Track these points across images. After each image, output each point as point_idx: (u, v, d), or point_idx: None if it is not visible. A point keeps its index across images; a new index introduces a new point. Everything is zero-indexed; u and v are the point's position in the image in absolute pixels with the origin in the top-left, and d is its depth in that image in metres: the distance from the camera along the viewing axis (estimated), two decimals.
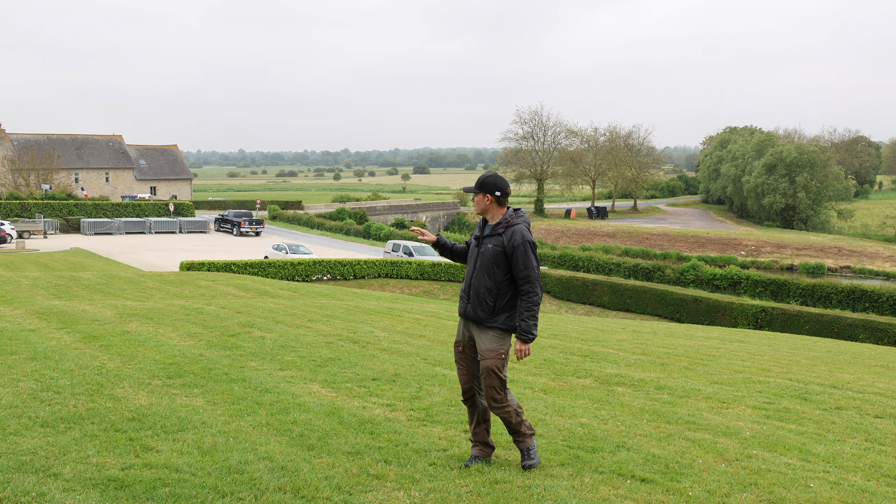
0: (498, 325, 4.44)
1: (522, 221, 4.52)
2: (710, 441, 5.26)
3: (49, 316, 10.16)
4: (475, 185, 4.54)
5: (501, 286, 4.45)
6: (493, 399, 4.44)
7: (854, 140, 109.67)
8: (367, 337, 9.60)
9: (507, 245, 4.43)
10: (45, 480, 3.93)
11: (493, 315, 4.44)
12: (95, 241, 45.25)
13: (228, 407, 5.56)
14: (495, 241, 4.47)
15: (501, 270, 4.44)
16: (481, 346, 4.47)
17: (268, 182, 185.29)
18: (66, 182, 68.43)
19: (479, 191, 4.50)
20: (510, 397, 4.51)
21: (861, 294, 31.99)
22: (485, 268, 4.46)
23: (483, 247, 4.50)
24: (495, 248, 4.45)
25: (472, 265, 4.55)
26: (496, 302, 4.45)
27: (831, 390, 7.61)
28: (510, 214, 4.52)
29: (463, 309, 4.57)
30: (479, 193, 4.51)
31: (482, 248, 4.50)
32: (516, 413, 4.49)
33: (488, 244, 4.48)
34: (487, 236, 4.51)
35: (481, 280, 4.46)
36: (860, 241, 60.12)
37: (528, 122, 79.17)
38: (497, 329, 4.46)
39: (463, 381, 4.61)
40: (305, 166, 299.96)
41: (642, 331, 14.40)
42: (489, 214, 4.56)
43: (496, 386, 4.43)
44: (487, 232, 4.53)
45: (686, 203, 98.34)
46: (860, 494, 4.34)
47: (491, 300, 4.44)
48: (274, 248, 37.78)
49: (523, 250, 4.40)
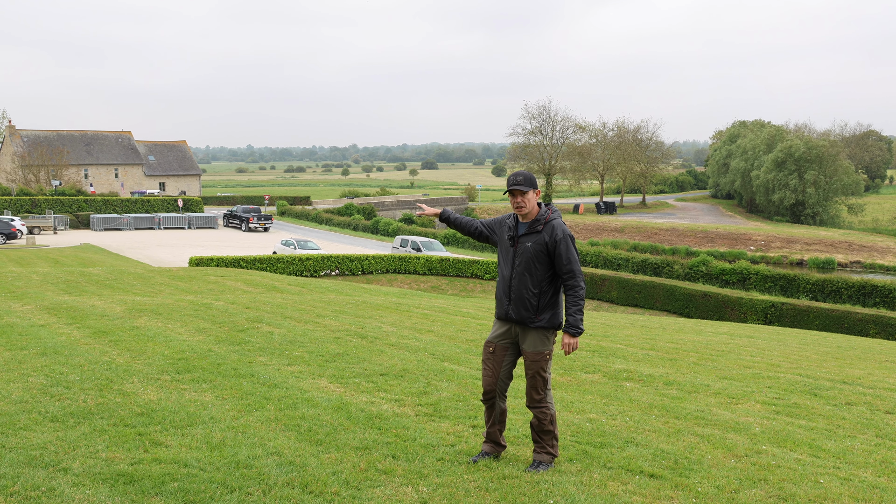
0: (542, 325, 4.38)
1: (558, 216, 4.44)
2: (720, 437, 5.23)
3: (59, 311, 10.22)
4: (524, 182, 4.32)
5: (544, 284, 4.37)
6: (534, 398, 4.44)
7: (865, 134, 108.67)
8: (376, 332, 9.61)
9: (549, 241, 4.34)
10: (55, 475, 3.95)
11: (538, 314, 4.37)
12: (105, 237, 45.51)
13: (237, 402, 5.58)
14: (535, 238, 4.36)
15: (544, 267, 4.35)
16: (527, 347, 4.42)
17: (276, 178, 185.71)
18: (76, 178, 68.80)
19: (532, 187, 4.35)
20: (550, 398, 4.49)
21: (872, 289, 31.74)
22: (525, 267, 4.35)
23: (520, 246, 4.37)
24: (535, 245, 4.34)
25: (510, 265, 4.40)
26: (539, 301, 4.36)
27: (841, 386, 7.56)
28: (545, 210, 4.43)
29: (505, 311, 4.43)
30: (532, 190, 4.35)
31: (519, 247, 4.38)
32: (552, 420, 4.45)
33: (526, 242, 4.36)
34: (525, 234, 4.38)
35: (523, 279, 4.35)
36: (871, 236, 59.63)
37: (536, 117, 78.93)
38: (542, 329, 4.39)
39: (487, 382, 4.52)
40: (314, 162, 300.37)
41: (651, 326, 14.35)
42: (528, 212, 4.40)
43: (539, 386, 4.43)
44: (524, 230, 4.39)
45: (695, 198, 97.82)
46: (871, 490, 4.30)
47: (535, 299, 4.35)
48: (282, 243, 37.86)
49: (565, 245, 4.34)
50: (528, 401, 4.49)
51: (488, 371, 4.53)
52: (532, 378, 4.44)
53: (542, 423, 4.44)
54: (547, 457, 4.44)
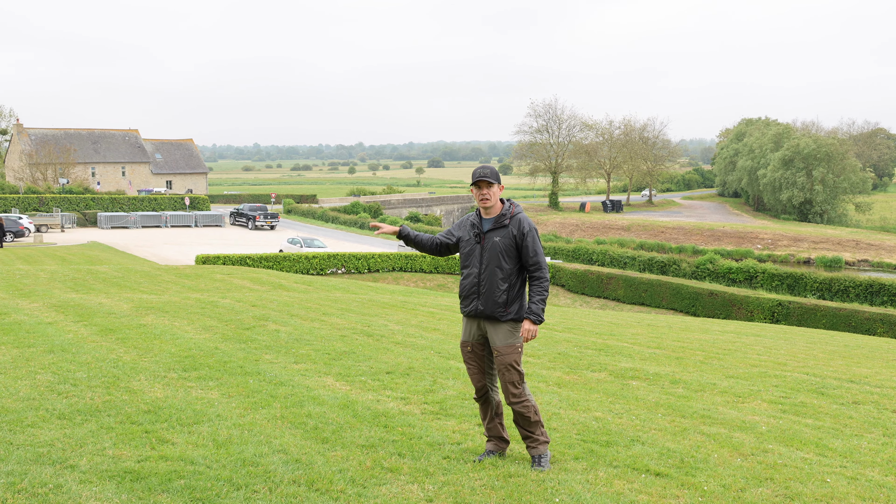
0: (512, 317, 4.44)
1: (521, 210, 4.55)
2: (726, 435, 5.22)
3: (66, 309, 10.27)
4: (490, 175, 4.42)
5: (512, 277, 4.44)
6: (512, 394, 4.43)
7: (873, 132, 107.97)
8: (382, 330, 9.62)
9: (517, 234, 4.42)
10: (62, 472, 3.97)
11: (507, 307, 4.43)
12: (112, 235, 45.73)
13: (243, 400, 5.59)
14: (502, 233, 4.43)
15: (512, 261, 4.44)
16: (498, 342, 4.44)
17: (282, 176, 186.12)
18: (83, 176, 69.16)
19: (497, 182, 4.44)
20: (528, 392, 4.49)
21: (879, 288, 31.56)
22: (494, 261, 4.43)
23: (488, 241, 4.45)
24: (504, 240, 4.42)
25: (478, 261, 4.46)
26: (508, 294, 4.43)
27: (848, 385, 7.52)
28: (508, 206, 4.52)
29: (474, 308, 4.49)
30: (497, 185, 4.46)
31: (487, 243, 4.45)
32: (535, 411, 4.46)
33: (494, 237, 4.44)
34: (492, 230, 4.46)
35: (493, 274, 4.43)
36: (878, 235, 59.28)
37: (542, 116, 78.81)
38: (511, 321, 4.45)
39: (475, 380, 4.57)
40: (320, 160, 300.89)
41: (657, 325, 14.31)
42: (492, 206, 4.49)
43: (515, 381, 4.42)
44: (490, 225, 4.47)
45: (702, 196, 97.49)
46: (878, 489, 4.28)
47: (504, 294, 4.42)
48: (289, 241, 37.96)
49: (532, 237, 4.44)
50: (507, 399, 4.47)
51: (474, 369, 4.56)
52: (507, 373, 4.42)
53: (527, 417, 4.44)
54: (542, 447, 4.45)
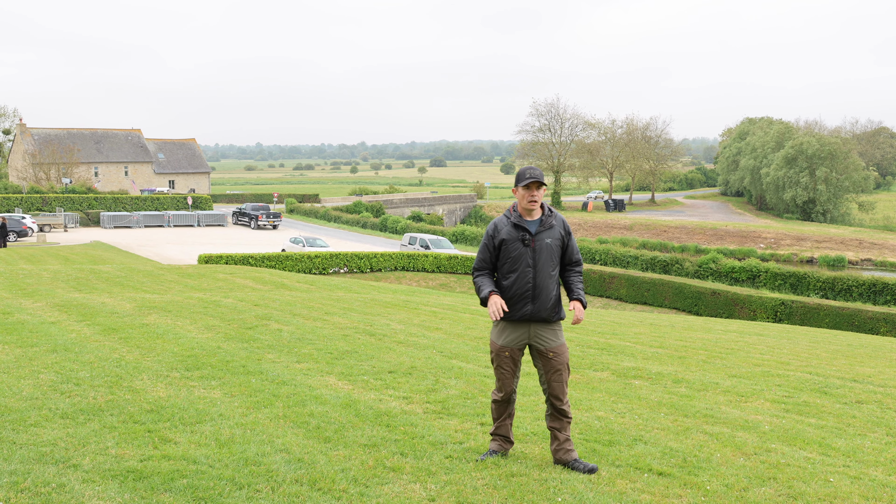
0: (560, 317, 4.44)
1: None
2: (729, 435, 5.21)
3: (69, 308, 10.29)
4: (541, 178, 4.29)
5: (557, 277, 4.46)
6: (566, 392, 4.44)
7: (876, 131, 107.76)
8: (384, 330, 9.62)
9: (563, 234, 4.43)
10: (65, 471, 3.98)
11: (557, 308, 4.43)
12: (115, 235, 45.81)
13: (246, 399, 5.60)
14: (551, 233, 4.38)
15: (558, 261, 4.44)
16: (551, 343, 4.41)
17: (285, 175, 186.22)
18: (86, 176, 69.28)
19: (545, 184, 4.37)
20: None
21: (882, 287, 31.48)
22: (546, 263, 4.36)
23: (539, 242, 4.35)
24: (554, 240, 4.38)
25: (529, 264, 4.34)
26: (557, 294, 4.44)
27: (851, 384, 7.51)
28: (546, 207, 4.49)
29: (529, 312, 4.35)
30: (543, 186, 4.36)
31: (538, 244, 4.35)
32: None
33: (545, 239, 4.36)
34: (540, 231, 4.37)
35: (547, 276, 4.36)
36: (882, 234, 59.13)
37: (544, 115, 78.71)
38: (558, 321, 4.46)
39: (508, 385, 4.48)
40: (322, 160, 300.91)
41: (660, 324, 14.29)
42: (537, 208, 4.40)
43: (567, 379, 4.45)
44: (537, 227, 4.38)
45: (704, 195, 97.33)
46: (881, 489, 4.27)
47: (554, 294, 4.40)
48: (291, 241, 37.99)
49: (572, 235, 4.50)
50: (558, 403, 4.40)
51: (509, 374, 4.46)
52: (565, 372, 4.41)
53: (568, 418, 4.45)
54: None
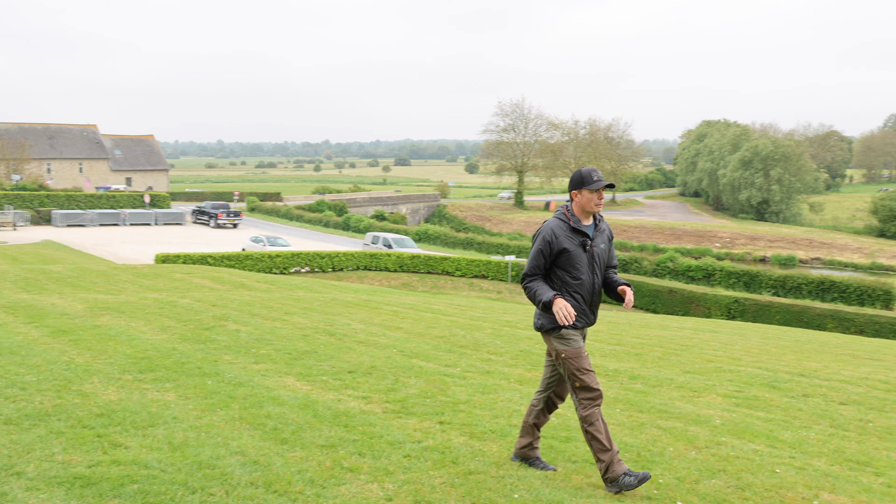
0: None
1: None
2: (682, 429, 5.33)
3: (17, 310, 9.96)
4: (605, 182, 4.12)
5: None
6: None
7: (827, 135, 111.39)
8: (344, 329, 9.56)
9: (610, 237, 4.32)
10: (8, 479, 3.85)
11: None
12: (67, 234, 44.47)
13: (201, 401, 5.50)
14: (601, 237, 4.24)
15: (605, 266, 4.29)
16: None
17: (246, 173, 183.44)
18: (38, 172, 67.11)
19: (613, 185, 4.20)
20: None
21: (830, 285, 32.62)
22: (601, 268, 4.23)
23: (595, 248, 4.20)
24: (605, 245, 4.26)
25: (589, 270, 4.16)
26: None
27: (799, 378, 7.76)
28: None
29: (589, 320, 4.22)
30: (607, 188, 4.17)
31: (595, 250, 4.19)
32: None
33: (600, 244, 4.22)
34: (596, 236, 4.23)
35: (599, 282, 4.22)
36: (831, 234, 61.22)
37: (509, 115, 79.08)
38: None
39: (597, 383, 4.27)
40: (285, 158, 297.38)
41: (618, 321, 14.54)
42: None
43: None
44: (592, 232, 4.22)
45: (664, 196, 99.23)
46: (823, 479, 4.43)
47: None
48: (252, 240, 37.47)
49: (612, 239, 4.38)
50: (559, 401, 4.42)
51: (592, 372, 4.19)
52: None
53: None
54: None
